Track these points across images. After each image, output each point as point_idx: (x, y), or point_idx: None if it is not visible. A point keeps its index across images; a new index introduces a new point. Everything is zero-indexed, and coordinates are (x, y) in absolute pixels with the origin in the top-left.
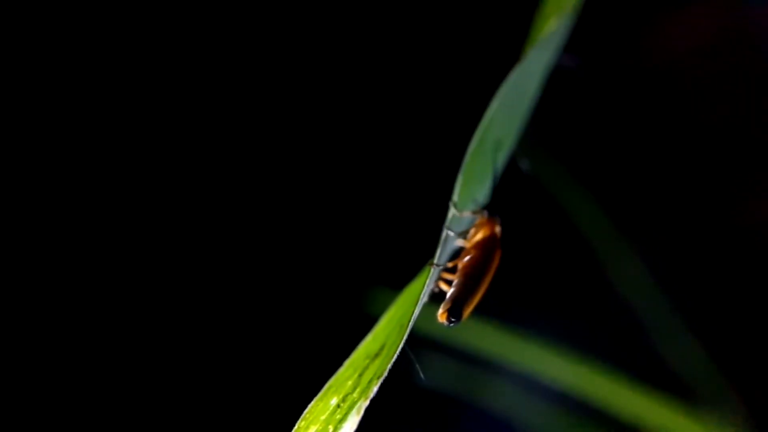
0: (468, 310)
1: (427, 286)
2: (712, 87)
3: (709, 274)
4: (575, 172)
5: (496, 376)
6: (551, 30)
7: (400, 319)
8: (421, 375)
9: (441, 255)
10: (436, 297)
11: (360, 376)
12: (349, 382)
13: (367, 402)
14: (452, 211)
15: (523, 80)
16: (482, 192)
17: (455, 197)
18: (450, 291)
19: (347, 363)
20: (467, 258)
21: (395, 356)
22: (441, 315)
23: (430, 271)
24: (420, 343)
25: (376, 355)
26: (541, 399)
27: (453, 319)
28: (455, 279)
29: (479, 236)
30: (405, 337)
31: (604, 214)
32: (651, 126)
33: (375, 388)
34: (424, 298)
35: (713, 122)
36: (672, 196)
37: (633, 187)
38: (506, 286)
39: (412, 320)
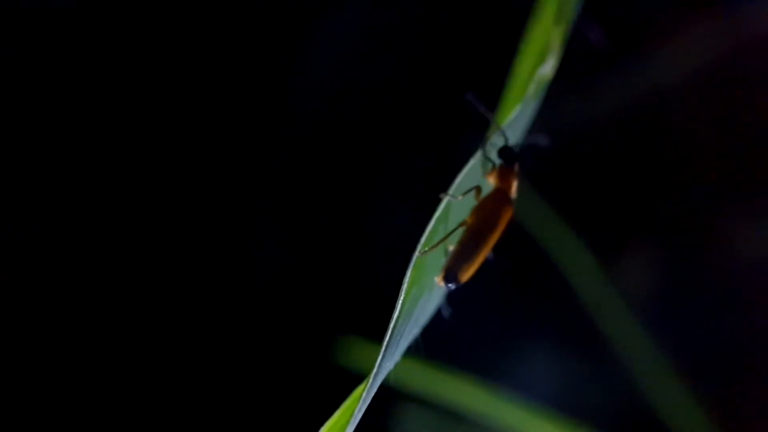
0: (466, 275)
1: (358, 410)
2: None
3: (706, 319)
4: (562, 213)
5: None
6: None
7: None
8: None
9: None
10: None
11: None
12: None
13: None
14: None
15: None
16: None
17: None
18: (449, 254)
19: None
20: (472, 218)
21: None
22: (438, 279)
23: (360, 395)
24: (400, 396)
25: None
26: None
27: (450, 285)
28: (459, 239)
29: (489, 191)
30: None
31: (595, 261)
32: (639, 165)
33: None
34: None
35: (707, 152)
36: (667, 236)
37: (624, 230)
38: (488, 337)
39: None
